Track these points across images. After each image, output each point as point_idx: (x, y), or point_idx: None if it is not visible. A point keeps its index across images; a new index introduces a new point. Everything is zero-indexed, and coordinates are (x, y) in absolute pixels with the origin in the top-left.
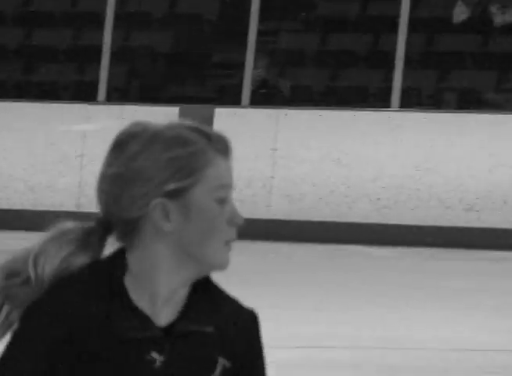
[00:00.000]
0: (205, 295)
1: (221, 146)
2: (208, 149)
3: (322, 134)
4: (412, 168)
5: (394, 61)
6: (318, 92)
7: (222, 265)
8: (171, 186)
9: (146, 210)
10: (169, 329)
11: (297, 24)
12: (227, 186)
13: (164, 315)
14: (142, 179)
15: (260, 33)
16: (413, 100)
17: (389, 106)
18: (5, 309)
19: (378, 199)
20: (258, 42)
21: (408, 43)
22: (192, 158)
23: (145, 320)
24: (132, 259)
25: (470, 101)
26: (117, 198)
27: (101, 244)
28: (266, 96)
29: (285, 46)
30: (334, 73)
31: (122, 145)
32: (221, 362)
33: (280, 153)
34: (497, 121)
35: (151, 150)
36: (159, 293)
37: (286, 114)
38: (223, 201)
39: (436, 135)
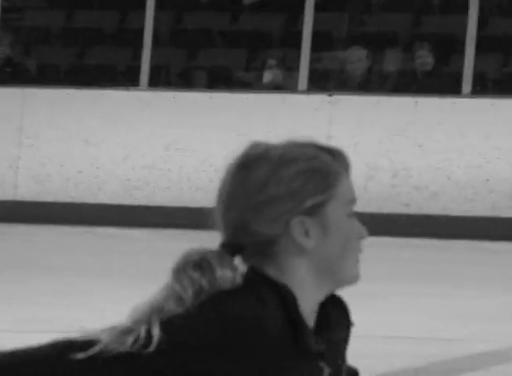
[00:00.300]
0: (329, 306)
1: (344, 162)
2: (335, 165)
3: (69, 113)
4: (162, 148)
5: (142, 39)
6: (65, 70)
7: (356, 279)
8: (308, 204)
9: (286, 229)
10: None
11: (42, 1)
12: (354, 201)
13: None
14: (278, 201)
15: (4, 10)
16: (162, 79)
17: (138, 85)
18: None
19: (128, 180)
20: (2, 19)
21: (156, 20)
22: (325, 175)
23: (312, 334)
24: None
25: (220, 80)
26: (251, 221)
27: (233, 267)
28: (11, 75)
29: (30, 23)
30: (81, 51)
31: (248, 168)
32: (344, 366)
33: (27, 133)
34: (248, 100)
35: (283, 171)
36: (304, 309)
37: (32, 94)
38: (352, 216)
39: (186, 115)
